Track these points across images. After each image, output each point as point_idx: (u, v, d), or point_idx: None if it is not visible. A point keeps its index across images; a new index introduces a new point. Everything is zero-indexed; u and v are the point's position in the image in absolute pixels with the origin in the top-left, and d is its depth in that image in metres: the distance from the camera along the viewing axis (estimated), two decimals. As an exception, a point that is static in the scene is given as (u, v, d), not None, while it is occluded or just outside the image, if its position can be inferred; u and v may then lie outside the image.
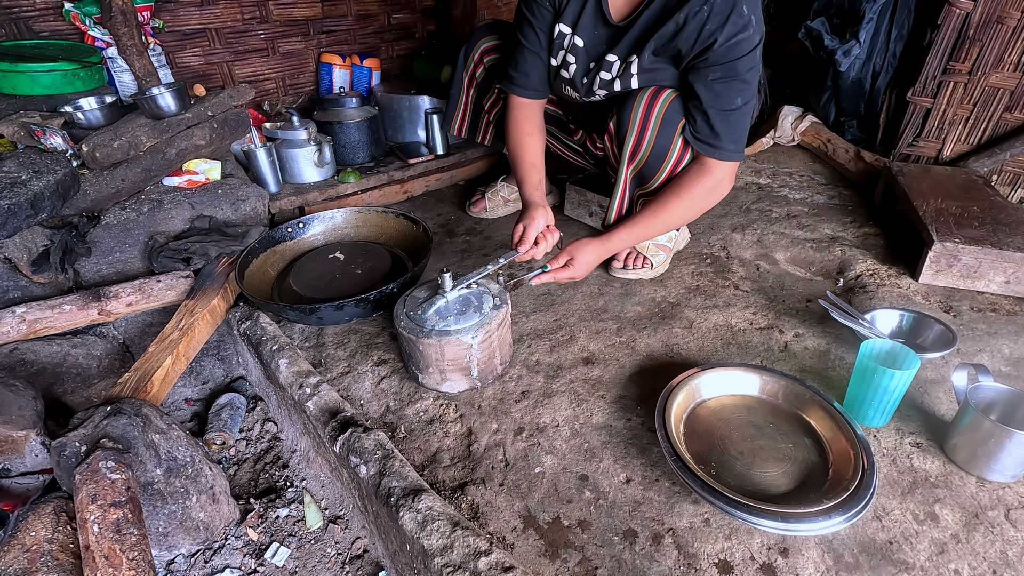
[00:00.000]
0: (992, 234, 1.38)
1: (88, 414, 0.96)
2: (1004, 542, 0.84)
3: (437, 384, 1.12)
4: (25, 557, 0.82)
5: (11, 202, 1.19)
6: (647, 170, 1.27)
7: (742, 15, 1.03)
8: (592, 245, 1.28)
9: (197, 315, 1.27)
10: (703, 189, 1.22)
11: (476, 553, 0.80)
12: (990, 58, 1.70)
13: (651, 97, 1.18)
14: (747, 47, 1.06)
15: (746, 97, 1.12)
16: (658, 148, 1.22)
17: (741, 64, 1.07)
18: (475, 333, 1.04)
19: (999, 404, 0.97)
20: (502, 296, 1.12)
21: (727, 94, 1.11)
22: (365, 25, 2.41)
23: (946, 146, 1.87)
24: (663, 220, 1.27)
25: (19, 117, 1.46)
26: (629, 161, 1.28)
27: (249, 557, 1.08)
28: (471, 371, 1.09)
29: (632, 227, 1.29)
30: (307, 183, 1.86)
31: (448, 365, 1.07)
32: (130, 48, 1.73)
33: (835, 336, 1.25)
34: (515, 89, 1.35)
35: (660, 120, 1.18)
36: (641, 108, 1.19)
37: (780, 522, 0.79)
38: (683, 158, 1.23)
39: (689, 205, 1.25)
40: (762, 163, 2.07)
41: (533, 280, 1.24)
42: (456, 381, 1.11)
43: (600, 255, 1.30)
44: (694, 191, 1.22)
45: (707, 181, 1.21)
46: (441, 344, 1.03)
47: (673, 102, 1.18)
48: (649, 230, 1.29)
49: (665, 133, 1.19)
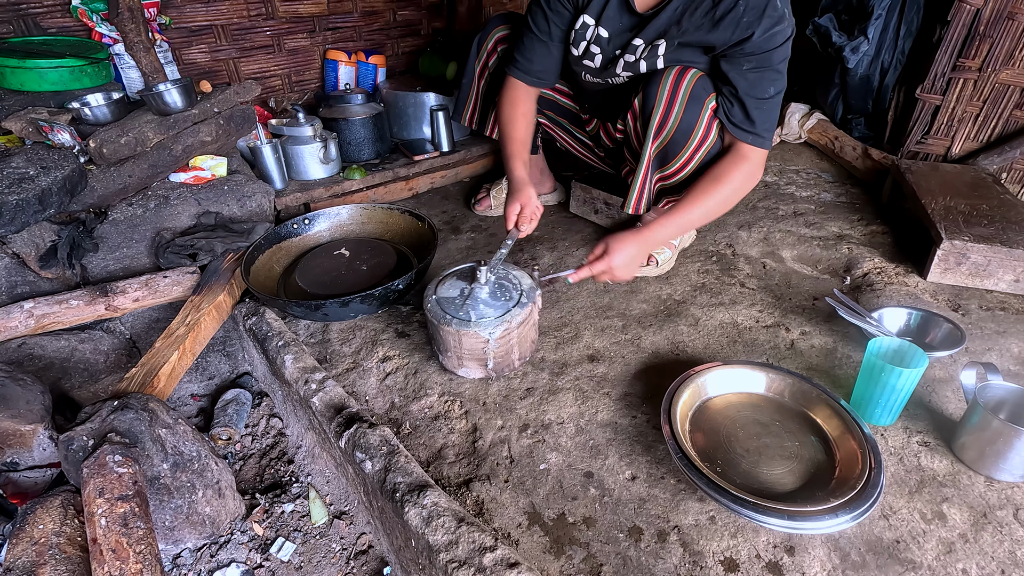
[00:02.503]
0: (1001, 232, 1.37)
1: (95, 408, 0.97)
2: (1013, 542, 0.83)
3: (454, 367, 1.14)
4: (33, 550, 0.83)
5: (19, 197, 1.20)
6: (672, 147, 1.25)
7: (776, 8, 1.05)
8: (627, 236, 1.17)
9: (203, 311, 1.27)
10: (741, 175, 1.20)
11: (481, 549, 0.80)
12: (1000, 55, 1.68)
13: (678, 74, 1.18)
14: (781, 39, 1.08)
15: (779, 87, 1.15)
16: (684, 124, 1.21)
17: (775, 55, 1.10)
18: (493, 328, 1.05)
19: (1008, 403, 0.96)
20: (531, 294, 1.11)
21: (761, 83, 1.13)
22: (371, 22, 2.41)
23: (955, 144, 1.85)
24: (704, 208, 1.20)
25: (27, 113, 1.46)
26: (654, 138, 1.26)
27: (255, 552, 1.09)
28: (487, 362, 1.11)
29: (671, 216, 1.19)
30: (313, 180, 1.86)
31: (465, 353, 1.09)
32: (137, 45, 1.73)
33: (842, 334, 1.24)
34: (515, 72, 1.37)
35: (688, 96, 1.18)
36: (669, 84, 1.18)
37: (786, 520, 0.79)
38: (708, 135, 1.22)
39: (729, 191, 1.21)
40: (769, 160, 2.06)
41: (571, 277, 1.16)
42: (472, 368, 1.13)
43: (639, 247, 1.17)
44: (733, 176, 1.20)
45: (744, 166, 1.20)
46: (459, 334, 1.05)
47: (701, 79, 1.18)
48: (689, 219, 1.21)
49: (692, 109, 1.19)
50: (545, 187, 1.85)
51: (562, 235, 1.70)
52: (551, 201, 1.89)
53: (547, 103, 1.54)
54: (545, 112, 1.57)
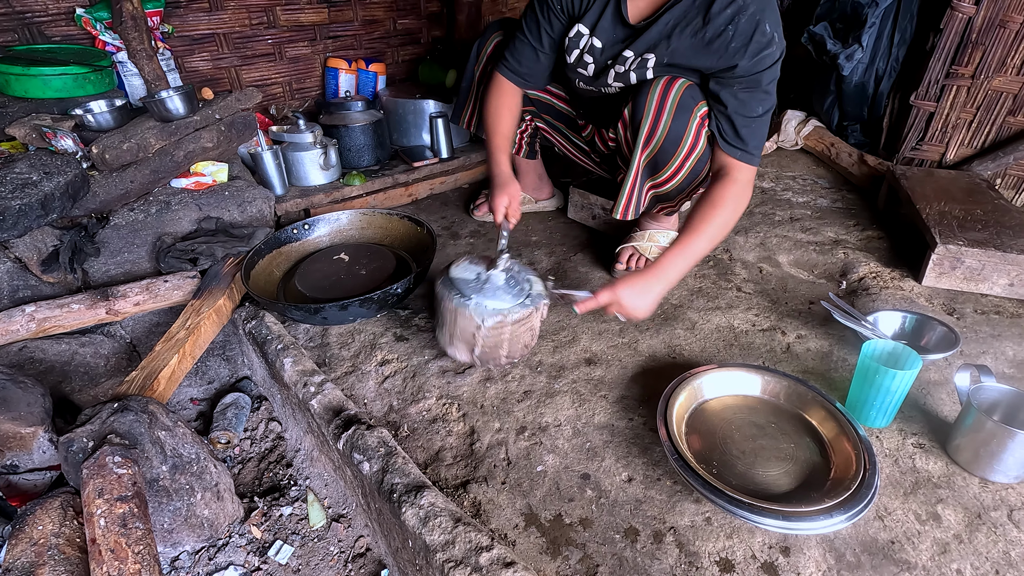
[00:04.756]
0: (996, 237, 1.38)
1: (95, 411, 0.98)
2: (1007, 542, 0.84)
3: (445, 344, 1.16)
4: (32, 550, 0.83)
5: (22, 202, 1.21)
6: (661, 156, 1.26)
7: (765, 33, 1.07)
8: (635, 273, 1.14)
9: (203, 315, 1.28)
10: (734, 194, 1.19)
11: (478, 549, 0.80)
12: (993, 62, 1.70)
13: (666, 84, 1.20)
14: (769, 61, 1.10)
15: (767, 106, 1.17)
16: (673, 133, 1.22)
17: (764, 77, 1.12)
18: (488, 317, 1.06)
19: (1002, 405, 0.97)
20: (537, 299, 1.12)
21: (750, 103, 1.15)
22: (371, 30, 2.43)
23: (949, 150, 1.87)
24: (708, 235, 1.17)
25: (31, 119, 1.48)
26: (644, 147, 1.27)
27: (253, 554, 1.09)
28: (475, 348, 1.11)
29: (677, 249, 1.16)
30: (313, 186, 1.88)
31: (458, 332, 1.11)
32: (140, 52, 1.76)
33: (837, 338, 1.25)
34: (504, 71, 1.39)
35: (676, 105, 1.19)
36: (657, 94, 1.20)
37: (782, 521, 0.79)
38: (697, 143, 1.24)
39: (728, 213, 1.19)
40: (765, 167, 2.08)
41: (577, 307, 1.13)
42: (459, 350, 1.14)
43: (646, 281, 1.12)
44: (726, 197, 1.19)
45: (734, 187, 1.19)
46: (456, 311, 1.07)
47: (689, 88, 1.19)
48: (696, 248, 1.17)
49: (680, 118, 1.20)
50: (543, 193, 1.86)
51: (560, 240, 1.71)
52: (549, 207, 1.90)
53: (545, 107, 1.56)
54: (543, 116, 1.59)
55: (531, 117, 1.61)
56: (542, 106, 1.56)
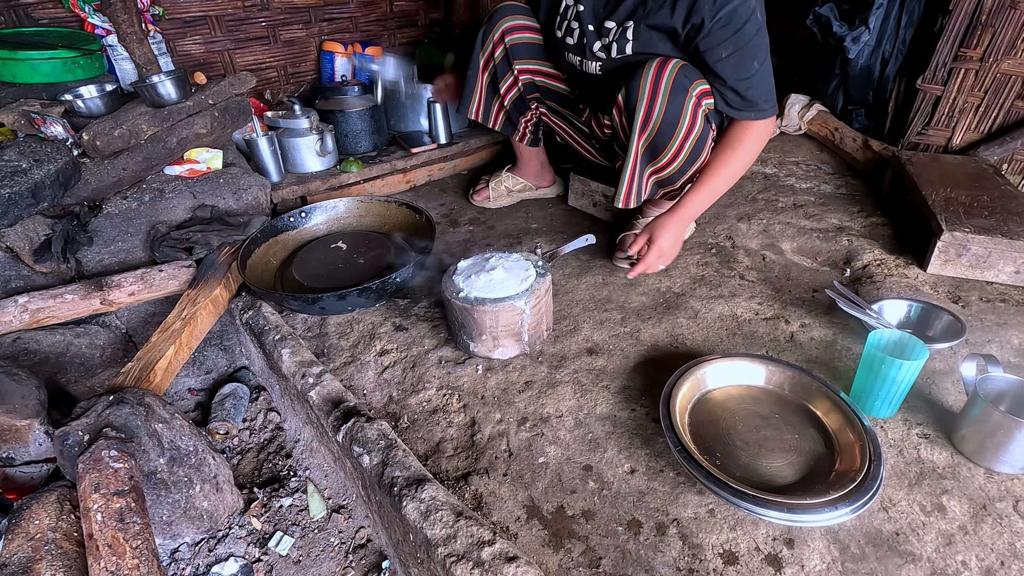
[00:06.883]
0: (1002, 224, 1.37)
1: (91, 403, 0.96)
2: (1012, 533, 0.83)
3: (489, 351, 1.16)
4: (29, 545, 0.82)
5: (12, 191, 1.18)
6: (659, 139, 1.25)
7: None
8: (666, 219, 1.29)
9: (199, 305, 1.26)
10: (753, 133, 1.24)
11: (479, 543, 0.79)
12: (1002, 44, 1.67)
13: (659, 66, 1.18)
14: (745, 12, 1.09)
15: (761, 57, 1.16)
16: (670, 116, 1.21)
17: (745, 32, 1.11)
18: (527, 299, 1.09)
19: (1008, 395, 0.96)
20: (543, 266, 1.18)
21: (743, 64, 1.15)
22: (367, 13, 2.38)
23: (956, 135, 1.84)
24: (726, 175, 1.27)
25: (19, 105, 1.45)
26: (640, 132, 1.25)
27: (253, 546, 1.09)
28: (522, 336, 1.14)
29: (698, 189, 1.28)
30: (309, 172, 1.84)
31: (501, 331, 1.12)
32: (130, 36, 1.71)
33: (842, 326, 1.24)
34: None
35: (670, 87, 1.18)
36: (650, 77, 1.19)
37: (786, 513, 0.78)
38: (695, 124, 1.23)
39: (745, 154, 1.26)
40: (768, 152, 2.05)
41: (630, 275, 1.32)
42: (508, 347, 1.15)
43: (678, 226, 1.29)
44: (745, 139, 1.24)
45: (752, 128, 1.24)
46: (496, 311, 1.08)
47: (683, 68, 1.19)
48: (715, 188, 1.28)
49: (676, 100, 1.19)
50: (545, 180, 1.84)
51: (560, 227, 1.69)
52: (550, 194, 1.88)
53: (546, 92, 1.53)
54: (547, 103, 1.56)
55: (536, 104, 1.58)
56: (544, 91, 1.53)
